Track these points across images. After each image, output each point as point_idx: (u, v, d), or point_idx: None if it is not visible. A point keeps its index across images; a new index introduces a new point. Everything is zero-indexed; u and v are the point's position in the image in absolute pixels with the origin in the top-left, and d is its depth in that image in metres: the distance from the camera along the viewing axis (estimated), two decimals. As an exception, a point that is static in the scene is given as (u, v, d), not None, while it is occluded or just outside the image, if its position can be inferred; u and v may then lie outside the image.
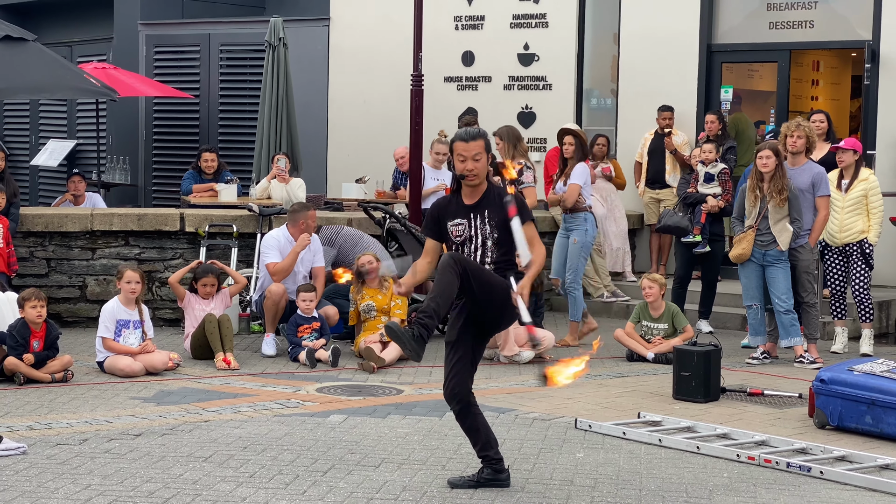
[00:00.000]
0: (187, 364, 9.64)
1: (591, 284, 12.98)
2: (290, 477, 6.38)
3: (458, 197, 6.19)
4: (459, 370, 6.14)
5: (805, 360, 9.99)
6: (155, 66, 17.41)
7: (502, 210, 6.05)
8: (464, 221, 6.12)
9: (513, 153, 10.73)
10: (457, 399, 6.15)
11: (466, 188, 6.16)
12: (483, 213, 6.11)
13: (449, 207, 6.18)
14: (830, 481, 6.52)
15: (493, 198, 6.13)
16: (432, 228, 6.22)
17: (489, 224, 6.09)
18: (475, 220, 6.11)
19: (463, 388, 6.14)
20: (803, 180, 10.20)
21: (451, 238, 6.14)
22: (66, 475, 6.31)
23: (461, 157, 6.07)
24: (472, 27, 15.66)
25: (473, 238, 6.10)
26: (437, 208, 6.23)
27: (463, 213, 6.13)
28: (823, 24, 13.69)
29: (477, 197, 6.14)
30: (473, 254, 6.09)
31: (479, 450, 6.27)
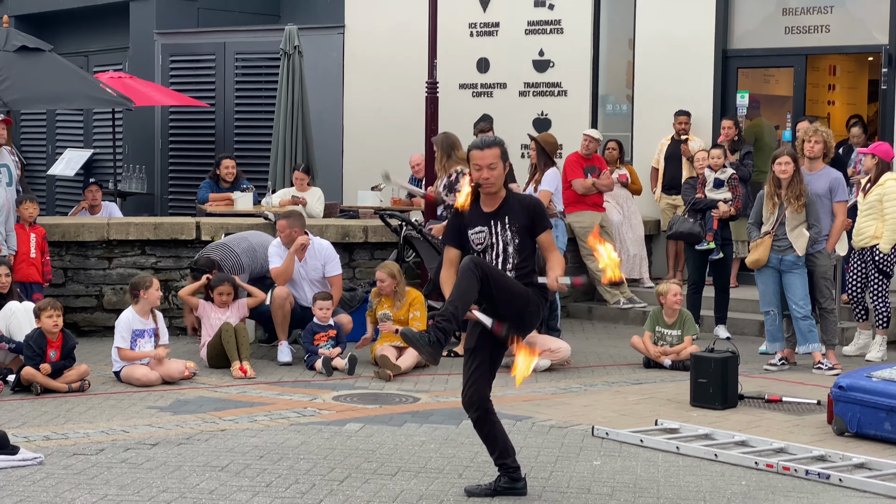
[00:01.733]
0: (203, 373, 9.64)
1: (608, 291, 12.95)
2: (306, 486, 6.36)
3: (476, 205, 6.18)
4: (478, 378, 6.13)
5: (823, 367, 9.93)
6: (171, 75, 17.45)
7: (523, 216, 6.08)
8: (484, 229, 6.12)
9: (445, 162, 10.69)
10: (475, 406, 6.13)
11: (485, 196, 6.15)
12: (504, 219, 6.11)
13: (469, 216, 6.17)
14: (849, 489, 6.48)
15: (512, 204, 6.14)
16: (454, 237, 6.20)
17: (510, 230, 6.09)
18: (496, 226, 6.11)
19: (481, 395, 6.13)
20: (821, 185, 10.16)
21: (472, 246, 6.13)
22: (83, 485, 6.31)
23: (477, 166, 6.08)
24: (487, 34, 15.65)
25: (495, 245, 6.10)
26: (457, 217, 6.22)
27: (483, 221, 6.13)
28: (840, 29, 13.63)
29: (496, 204, 6.14)
30: (495, 260, 6.09)
31: (497, 458, 6.25)
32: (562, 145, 13.87)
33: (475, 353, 6.14)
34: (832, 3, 13.61)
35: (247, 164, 15.91)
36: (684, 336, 10.16)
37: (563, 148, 14.87)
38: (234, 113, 17.16)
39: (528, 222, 6.10)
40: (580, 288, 6.09)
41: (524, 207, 6.14)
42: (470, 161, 6.12)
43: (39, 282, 10.60)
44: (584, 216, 12.98)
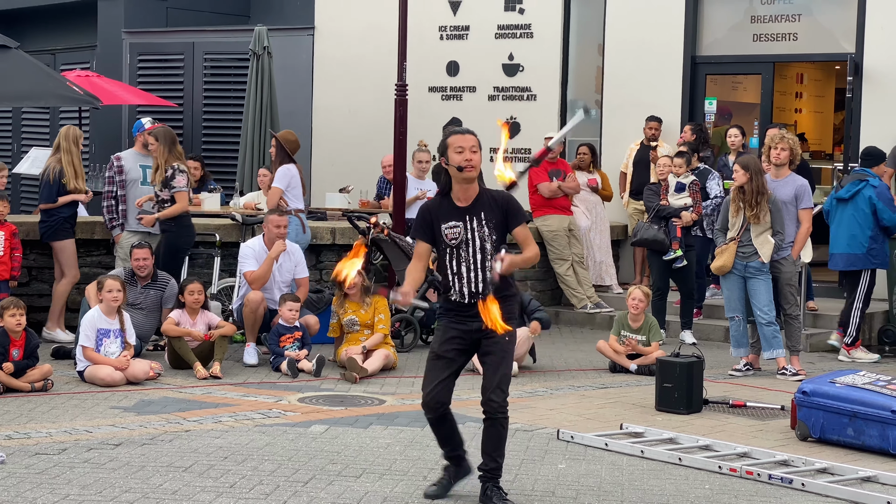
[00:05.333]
0: (168, 373, 9.58)
1: (575, 296, 12.99)
2: (270, 487, 6.34)
3: (448, 199, 6.05)
4: (444, 382, 6.09)
5: (787, 372, 9.99)
6: (138, 74, 17.38)
7: (498, 212, 5.99)
8: (459, 224, 6.00)
9: (167, 156, 10.60)
10: (437, 410, 6.11)
11: (459, 188, 6.01)
12: (479, 214, 6.00)
13: (441, 209, 6.04)
14: (812, 493, 6.52)
15: (486, 200, 6.03)
16: (425, 231, 6.05)
17: (487, 226, 6.00)
18: (471, 222, 6.00)
19: (445, 399, 6.11)
20: (786, 192, 10.22)
21: (445, 241, 6.01)
22: (45, 485, 6.26)
23: (460, 149, 5.94)
24: (457, 37, 15.67)
25: (471, 241, 6.00)
26: (429, 211, 6.08)
27: (457, 216, 6.01)
28: (807, 37, 13.73)
29: (471, 199, 6.02)
30: (472, 258, 6.00)
31: (451, 450, 6.27)
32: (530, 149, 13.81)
33: (443, 359, 6.10)
34: (800, 11, 13.72)
35: (214, 164, 15.86)
36: (650, 342, 10.20)
37: (530, 152, 14.91)
38: (203, 113, 17.10)
39: (502, 217, 6.01)
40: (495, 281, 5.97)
41: (498, 203, 6.03)
42: (449, 147, 5.97)
43: (6, 279, 10.52)
44: (551, 220, 13.02)
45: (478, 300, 5.99)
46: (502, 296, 5.99)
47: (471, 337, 6.09)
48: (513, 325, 6.04)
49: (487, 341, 6.05)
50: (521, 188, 13.78)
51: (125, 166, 10.99)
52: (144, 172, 10.96)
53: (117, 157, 11.15)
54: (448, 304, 6.11)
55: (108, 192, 11.04)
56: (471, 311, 6.03)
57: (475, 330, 6.05)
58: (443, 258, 6.05)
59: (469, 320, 6.05)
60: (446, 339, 6.10)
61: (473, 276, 6.02)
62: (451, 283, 6.05)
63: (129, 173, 10.97)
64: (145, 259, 10.15)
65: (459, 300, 6.05)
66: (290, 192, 11.00)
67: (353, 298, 10.14)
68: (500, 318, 5.86)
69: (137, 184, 10.96)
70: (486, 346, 6.07)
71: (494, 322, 5.87)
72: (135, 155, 11.16)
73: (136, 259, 10.14)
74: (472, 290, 6.02)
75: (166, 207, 10.55)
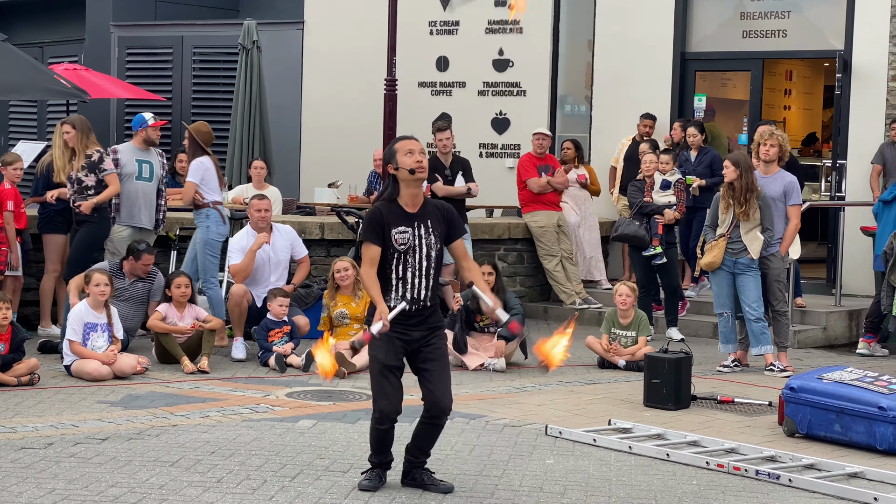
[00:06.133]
0: (155, 368, 9.56)
1: (564, 291, 12.98)
2: (257, 482, 6.33)
3: (397, 205, 6.09)
4: (399, 392, 6.13)
5: (775, 369, 10.01)
6: (127, 67, 17.32)
7: (442, 221, 6.08)
8: (408, 230, 6.04)
9: (86, 143, 10.54)
10: (393, 420, 6.17)
11: (407, 195, 6.06)
12: (426, 222, 6.08)
13: (391, 215, 6.06)
14: (799, 489, 6.53)
15: (431, 209, 6.13)
16: (377, 234, 6.02)
17: (433, 234, 6.08)
18: (419, 229, 6.06)
19: (400, 409, 6.16)
20: (775, 189, 10.23)
21: (394, 246, 6.02)
22: (31, 479, 6.24)
23: (409, 152, 6.02)
24: (447, 32, 15.65)
25: (417, 248, 6.05)
26: (380, 214, 6.07)
27: (406, 221, 6.06)
28: (796, 34, 13.75)
29: (418, 206, 6.09)
30: (418, 264, 6.04)
31: (385, 457, 6.31)
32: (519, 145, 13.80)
33: (393, 370, 6.09)
34: (789, 8, 13.73)
35: (203, 158, 15.79)
36: (639, 337, 10.20)
37: (520, 148, 14.90)
38: (192, 107, 17.03)
39: (445, 228, 6.10)
40: (513, 334, 6.10)
41: (441, 213, 6.13)
42: (399, 151, 6.03)
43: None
44: (540, 216, 13.02)
45: (419, 308, 6.06)
46: (433, 304, 6.12)
47: (410, 346, 6.13)
48: (441, 332, 6.18)
49: (427, 348, 6.13)
50: (510, 184, 13.84)
51: (121, 159, 10.87)
52: (141, 167, 10.87)
53: (114, 150, 11.04)
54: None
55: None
56: (412, 321, 6.08)
57: (416, 339, 6.11)
58: (389, 263, 6.06)
59: (412, 329, 6.09)
60: (392, 350, 6.09)
61: (418, 282, 6.06)
62: (394, 289, 6.06)
63: (125, 167, 10.85)
64: (151, 265, 10.16)
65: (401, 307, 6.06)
66: (206, 185, 10.73)
67: (345, 291, 10.12)
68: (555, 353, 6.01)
69: (133, 178, 10.85)
70: (427, 354, 6.14)
71: (551, 359, 5.99)
72: (132, 149, 10.98)
73: (146, 264, 10.10)
74: (414, 297, 6.06)
75: (89, 195, 10.43)
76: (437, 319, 6.19)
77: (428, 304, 6.11)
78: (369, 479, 6.29)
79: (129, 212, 10.86)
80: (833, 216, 13.29)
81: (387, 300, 6.05)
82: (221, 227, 10.82)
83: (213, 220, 10.73)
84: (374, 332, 5.92)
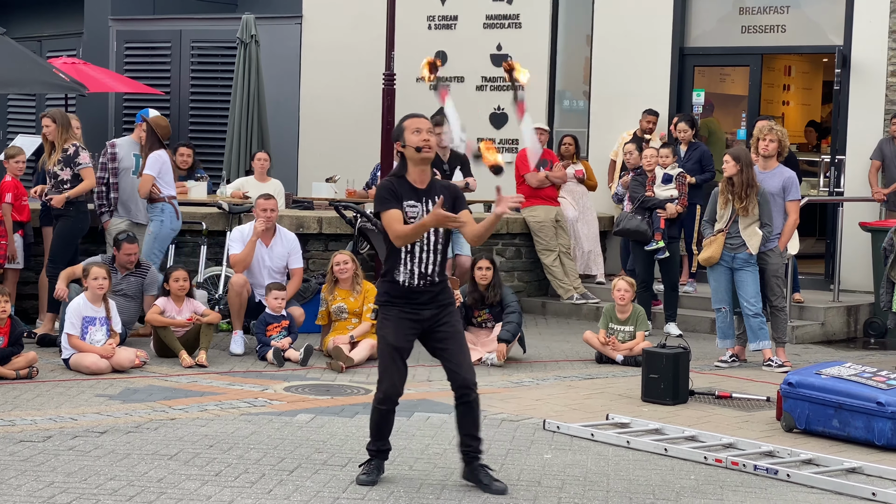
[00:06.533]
0: (154, 362, 9.56)
1: (561, 286, 12.99)
2: (255, 476, 6.33)
3: (405, 180, 6.15)
4: (404, 373, 6.19)
5: (773, 364, 10.01)
6: (125, 62, 17.31)
7: (449, 198, 6.11)
8: (417, 205, 6.12)
9: (64, 136, 10.52)
10: (395, 402, 6.23)
11: (415, 172, 6.13)
12: (434, 198, 6.13)
13: (402, 188, 6.13)
14: (797, 484, 6.53)
15: (438, 187, 6.19)
16: (393, 200, 6.06)
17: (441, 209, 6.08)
18: (427, 204, 6.13)
19: (402, 390, 6.24)
20: (774, 184, 10.23)
21: (405, 219, 6.08)
22: (29, 472, 6.24)
23: (417, 130, 6.08)
24: (445, 27, 15.64)
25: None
26: (392, 185, 6.13)
27: (415, 197, 6.13)
28: (795, 29, 13.75)
29: (426, 182, 6.17)
30: (426, 238, 6.08)
31: (383, 444, 6.33)
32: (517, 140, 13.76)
33: (401, 350, 6.15)
34: (788, 3, 13.72)
35: (201, 153, 15.79)
36: (636, 332, 10.20)
37: (517, 143, 14.90)
38: (190, 102, 17.04)
39: (452, 204, 6.14)
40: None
41: (448, 189, 6.21)
42: (407, 129, 6.09)
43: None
44: (538, 210, 13.02)
45: (427, 284, 6.09)
46: (442, 280, 6.19)
47: (422, 326, 6.18)
48: (452, 308, 6.22)
49: (441, 327, 6.17)
50: (508, 179, 13.86)
51: (119, 153, 10.88)
52: (137, 162, 10.87)
53: (112, 144, 11.03)
54: (396, 290, 6.14)
55: (100, 178, 10.94)
56: (422, 298, 6.13)
57: (427, 318, 6.15)
58: None
59: (422, 308, 6.14)
60: (402, 329, 6.14)
61: (426, 256, 6.11)
62: (402, 262, 6.09)
63: (122, 161, 10.86)
64: (135, 254, 10.14)
65: (409, 283, 6.10)
66: (162, 179, 10.70)
67: (343, 285, 10.12)
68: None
69: (129, 172, 10.88)
70: (441, 333, 6.18)
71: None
72: (131, 143, 11.01)
73: (128, 254, 10.09)
74: (422, 271, 6.10)
75: (65, 189, 10.42)
76: (448, 297, 6.22)
77: (437, 280, 6.15)
78: (367, 473, 6.29)
79: (125, 206, 10.85)
80: (832, 212, 13.30)
81: (395, 274, 6.09)
82: (175, 223, 10.78)
83: (167, 215, 10.70)
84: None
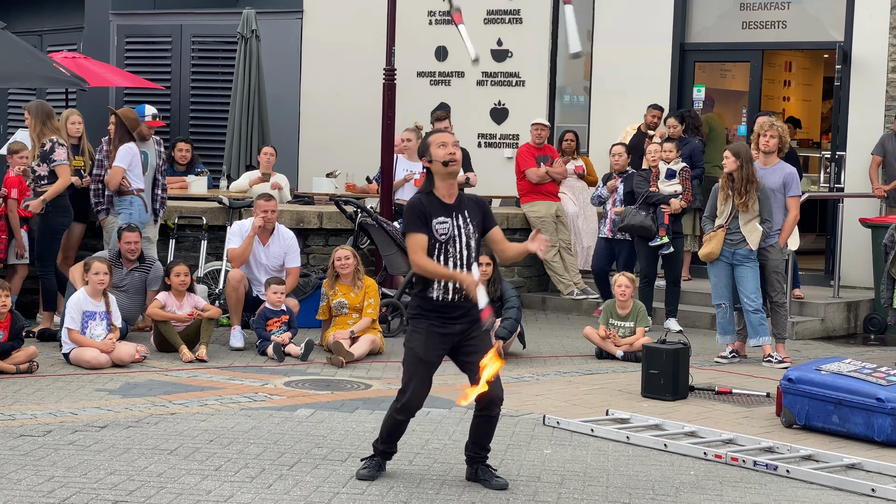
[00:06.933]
0: (154, 356, 9.57)
1: (562, 282, 12.99)
2: (255, 470, 6.33)
3: (434, 196, 6.16)
4: (428, 387, 6.25)
5: (773, 360, 10.02)
6: (126, 56, 17.29)
7: (478, 212, 6.18)
8: (447, 220, 6.12)
9: (41, 129, 10.46)
10: (414, 413, 6.29)
11: (443, 187, 6.15)
12: (463, 213, 6.16)
13: (431, 205, 6.15)
14: (797, 480, 6.54)
15: (466, 200, 6.23)
16: (420, 223, 6.08)
17: (471, 223, 6.16)
18: (457, 219, 6.14)
19: (423, 401, 6.29)
20: (774, 180, 10.23)
21: (435, 236, 6.10)
22: (29, 466, 6.25)
23: (443, 144, 6.11)
24: (446, 22, 15.59)
25: (457, 237, 6.12)
26: (421, 204, 6.14)
27: (445, 212, 6.14)
28: (796, 25, 13.74)
29: (454, 197, 6.18)
30: (458, 254, 6.10)
31: (391, 447, 6.36)
32: (518, 135, 13.76)
33: (428, 364, 6.18)
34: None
35: (202, 148, 15.79)
36: (637, 327, 10.21)
37: (518, 139, 14.89)
38: (190, 96, 17.01)
39: (481, 219, 6.19)
40: (482, 321, 6.12)
41: (477, 204, 6.24)
42: (432, 144, 6.12)
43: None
44: (538, 206, 13.01)
45: (461, 299, 6.11)
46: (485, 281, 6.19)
47: (452, 340, 6.20)
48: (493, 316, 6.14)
49: (471, 342, 6.18)
50: (510, 174, 13.87)
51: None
52: (146, 159, 10.80)
53: (107, 141, 11.03)
54: (428, 304, 6.15)
55: (97, 175, 10.90)
56: (454, 313, 6.14)
57: (458, 332, 6.17)
58: (430, 253, 6.12)
59: (453, 322, 6.15)
60: (432, 343, 6.16)
61: (459, 271, 6.11)
62: (436, 279, 6.10)
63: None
64: (136, 242, 10.14)
65: (443, 298, 6.11)
66: (132, 172, 10.65)
67: (344, 280, 10.12)
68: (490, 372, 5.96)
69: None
70: (470, 347, 6.19)
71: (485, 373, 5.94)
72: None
73: (128, 242, 10.10)
74: (457, 287, 6.11)
75: (44, 185, 10.38)
76: (479, 311, 6.14)
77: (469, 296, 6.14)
78: (368, 469, 6.30)
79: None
80: (832, 208, 13.29)
81: (429, 291, 6.12)
82: (144, 216, 10.73)
83: (136, 208, 10.65)
84: (483, 302, 5.94)
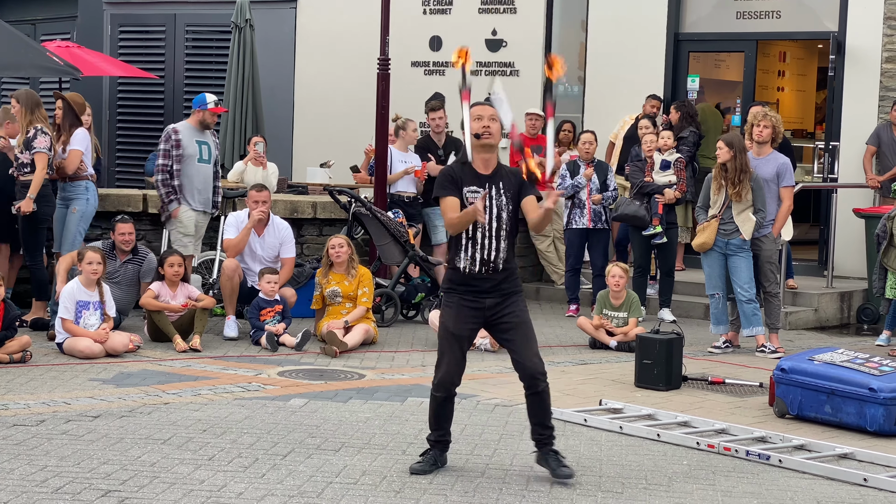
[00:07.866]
0: (147, 346, 9.57)
1: (556, 272, 12.99)
2: (249, 460, 6.34)
3: (469, 166, 6.15)
4: (460, 361, 6.20)
5: (766, 350, 10.03)
6: (119, 45, 17.27)
7: (514, 184, 6.13)
8: (480, 190, 6.09)
9: (30, 118, 10.37)
10: (450, 389, 6.22)
11: (478, 159, 6.13)
12: (498, 184, 6.12)
13: (464, 174, 6.13)
14: (789, 469, 6.55)
15: (504, 173, 6.18)
16: (451, 187, 6.08)
17: (505, 195, 6.11)
18: (491, 189, 6.10)
19: (459, 378, 6.23)
20: (768, 170, 10.23)
21: (465, 205, 6.08)
22: (22, 456, 6.24)
23: (478, 117, 6.09)
24: (440, 12, 15.60)
25: (488, 208, 6.07)
26: (454, 172, 6.16)
27: (478, 182, 6.12)
28: (790, 15, 13.73)
29: (491, 168, 6.15)
30: (488, 225, 6.07)
31: (441, 434, 6.28)
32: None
33: (459, 338, 6.16)
34: (783, -11, 13.72)
35: (196, 137, 15.76)
36: (630, 318, 10.22)
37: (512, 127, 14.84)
38: (184, 85, 17.01)
39: (518, 189, 6.14)
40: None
41: (515, 176, 6.19)
42: (470, 117, 6.10)
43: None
44: (533, 196, 12.97)
45: (490, 271, 6.08)
46: (507, 268, 6.14)
47: (484, 315, 6.16)
48: (517, 297, 6.18)
49: (505, 317, 6.15)
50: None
51: (183, 140, 10.61)
52: (200, 148, 10.71)
53: (175, 130, 10.69)
54: (458, 277, 6.14)
55: (164, 165, 10.62)
56: (483, 286, 6.11)
57: (489, 307, 6.14)
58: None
59: (483, 296, 6.12)
60: (462, 317, 6.15)
61: (488, 242, 6.09)
62: (463, 249, 6.08)
63: (186, 148, 10.61)
64: (130, 234, 10.13)
65: (469, 269, 6.09)
66: (85, 157, 10.56)
67: (338, 269, 10.11)
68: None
69: (194, 160, 10.66)
70: (505, 322, 6.17)
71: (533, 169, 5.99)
72: (190, 129, 10.76)
73: (122, 233, 10.09)
74: (484, 258, 6.08)
75: (27, 172, 10.24)
76: (512, 285, 6.16)
77: (500, 268, 6.11)
78: (421, 463, 6.24)
79: (190, 194, 10.69)
80: (825, 198, 13.30)
81: (456, 261, 6.10)
82: (96, 201, 10.70)
83: (91, 193, 10.59)
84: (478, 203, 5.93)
